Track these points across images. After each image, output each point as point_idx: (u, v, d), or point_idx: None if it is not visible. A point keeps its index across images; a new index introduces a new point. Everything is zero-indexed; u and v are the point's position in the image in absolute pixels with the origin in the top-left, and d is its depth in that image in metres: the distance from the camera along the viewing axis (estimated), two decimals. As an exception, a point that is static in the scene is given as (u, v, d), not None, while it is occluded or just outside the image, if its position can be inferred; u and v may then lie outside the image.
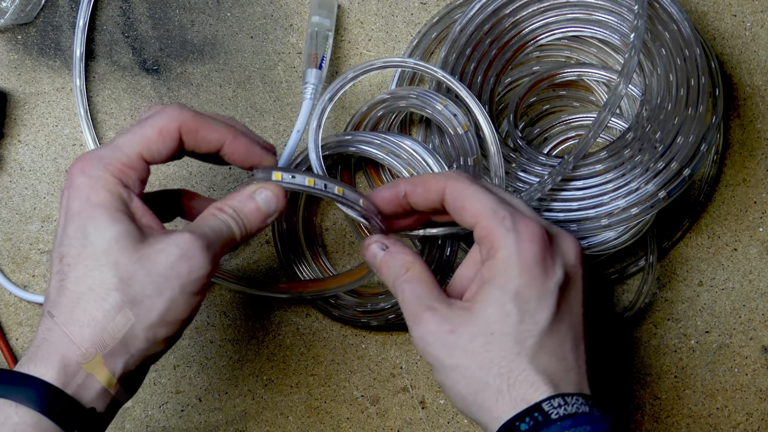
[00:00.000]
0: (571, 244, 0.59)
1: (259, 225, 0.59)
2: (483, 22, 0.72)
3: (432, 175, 0.62)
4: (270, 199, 0.59)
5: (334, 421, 0.75)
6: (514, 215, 0.57)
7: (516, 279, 0.56)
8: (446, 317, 0.57)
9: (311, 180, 0.60)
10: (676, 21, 0.68)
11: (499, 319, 0.55)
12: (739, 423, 0.75)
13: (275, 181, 0.59)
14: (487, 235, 0.57)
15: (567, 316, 0.57)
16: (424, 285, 0.59)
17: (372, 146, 0.69)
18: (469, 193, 0.59)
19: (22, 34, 0.75)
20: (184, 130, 0.58)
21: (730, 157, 0.76)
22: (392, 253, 0.61)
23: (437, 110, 0.69)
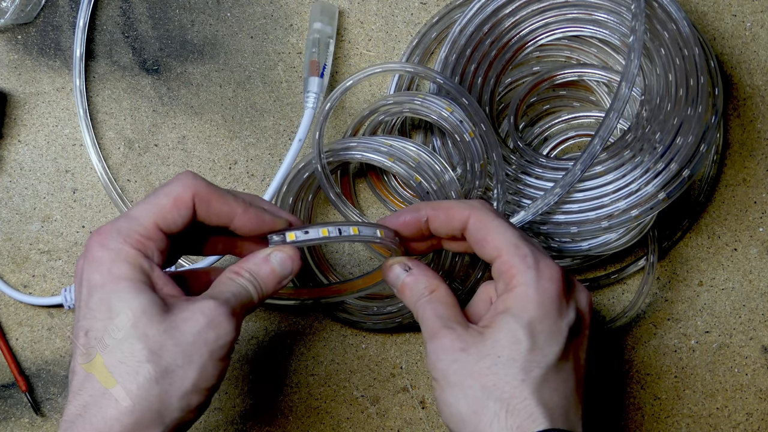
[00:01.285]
0: (584, 293, 0.60)
1: (275, 287, 0.60)
2: (483, 22, 0.72)
3: (456, 203, 0.62)
4: (285, 261, 0.60)
5: (334, 421, 0.75)
6: (536, 254, 0.58)
7: (531, 311, 0.56)
8: (461, 336, 0.57)
9: (325, 230, 0.60)
10: (675, 21, 0.68)
11: (509, 344, 0.56)
12: (739, 423, 0.75)
13: (290, 242, 0.60)
14: (507, 270, 0.58)
15: (573, 358, 0.58)
16: (447, 306, 0.59)
17: (378, 153, 0.69)
18: (492, 226, 0.59)
19: (22, 34, 0.75)
20: (197, 199, 0.57)
21: (730, 157, 0.76)
22: (416, 275, 0.61)
23: (443, 117, 0.69)
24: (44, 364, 0.74)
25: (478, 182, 0.69)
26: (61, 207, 0.75)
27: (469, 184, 0.70)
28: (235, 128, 0.75)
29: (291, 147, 0.71)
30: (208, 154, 0.75)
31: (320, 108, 0.69)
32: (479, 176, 0.69)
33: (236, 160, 0.75)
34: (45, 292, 0.74)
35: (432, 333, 0.58)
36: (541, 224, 0.69)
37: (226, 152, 0.75)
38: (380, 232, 0.62)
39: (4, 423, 0.74)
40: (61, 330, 0.74)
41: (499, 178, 0.69)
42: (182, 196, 0.57)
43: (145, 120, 0.75)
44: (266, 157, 0.75)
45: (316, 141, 0.68)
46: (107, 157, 0.75)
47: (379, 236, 0.62)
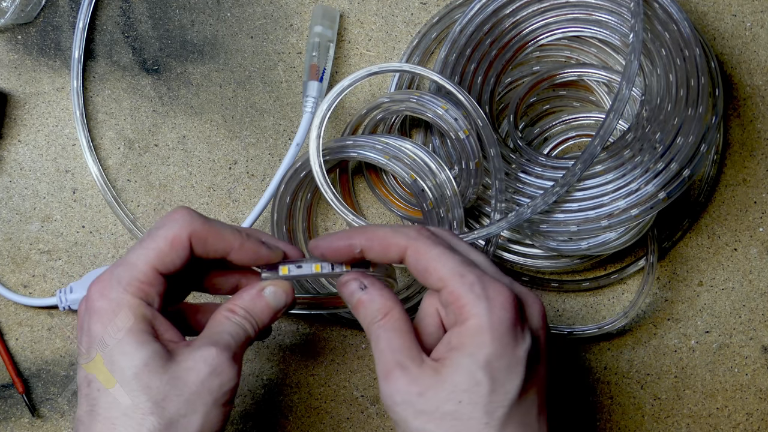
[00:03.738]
0: (536, 305, 0.58)
1: (270, 320, 0.60)
2: (483, 22, 0.72)
3: (391, 232, 0.59)
4: (279, 295, 0.60)
5: (334, 421, 0.75)
6: (483, 279, 0.56)
7: (486, 347, 0.54)
8: (416, 378, 0.55)
9: (318, 266, 0.60)
10: (675, 21, 0.68)
11: (469, 387, 0.54)
12: (739, 423, 0.75)
13: (282, 276, 0.60)
14: (455, 301, 0.56)
15: (534, 380, 0.56)
16: (400, 335, 0.57)
17: (374, 151, 0.69)
18: (432, 255, 0.57)
19: (22, 34, 0.75)
20: (194, 238, 0.57)
21: (730, 157, 0.76)
22: (371, 295, 0.59)
23: (438, 114, 0.69)
24: (44, 364, 0.74)
25: (473, 181, 0.69)
26: (61, 207, 0.75)
27: (464, 183, 0.70)
28: (235, 128, 0.75)
29: (288, 151, 0.71)
30: (208, 154, 0.75)
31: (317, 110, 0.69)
32: (474, 175, 0.69)
33: (236, 160, 0.75)
34: (45, 293, 0.74)
35: (385, 372, 0.56)
36: (541, 223, 0.69)
37: (226, 152, 0.75)
38: (372, 268, 0.61)
39: (4, 423, 0.74)
40: (60, 330, 0.74)
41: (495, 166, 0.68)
42: (179, 236, 0.57)
43: (145, 120, 0.75)
44: (266, 157, 0.75)
45: (314, 139, 0.68)
46: (107, 157, 0.75)
47: (370, 272, 0.61)
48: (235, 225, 0.61)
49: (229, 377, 0.55)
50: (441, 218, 0.69)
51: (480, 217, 0.73)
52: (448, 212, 0.69)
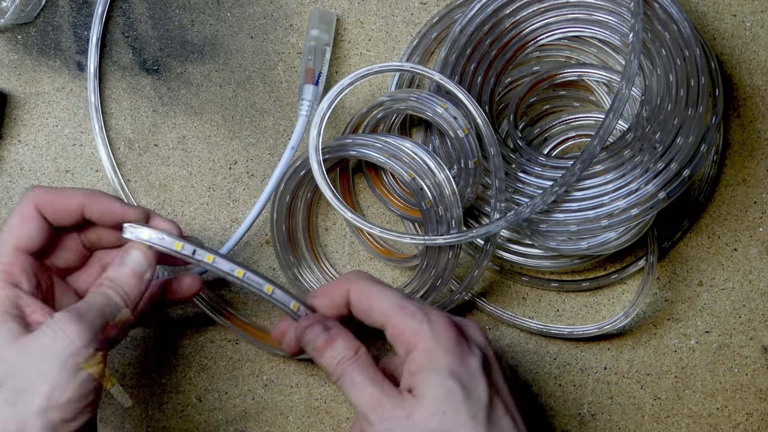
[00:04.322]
0: (476, 329, 0.60)
1: (139, 284, 0.60)
2: (483, 22, 0.72)
3: (333, 283, 0.62)
4: (137, 258, 0.61)
5: (334, 421, 0.75)
6: (423, 308, 0.59)
7: (444, 360, 0.57)
8: (400, 403, 0.57)
9: (179, 245, 0.61)
10: (676, 21, 0.68)
11: (446, 397, 0.56)
12: (739, 423, 0.75)
13: (144, 240, 0.61)
14: (401, 333, 0.58)
15: (495, 390, 0.58)
16: (375, 369, 0.59)
17: (373, 149, 0.69)
18: (373, 293, 0.60)
19: (22, 34, 0.75)
20: (40, 205, 0.60)
21: (730, 157, 0.76)
22: (336, 337, 0.60)
23: (437, 113, 0.69)
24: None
25: (472, 180, 0.69)
26: (61, 207, 0.74)
27: (464, 182, 0.70)
28: (235, 128, 0.75)
29: (284, 155, 0.71)
30: (208, 154, 0.75)
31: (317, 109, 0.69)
32: (473, 174, 0.69)
33: (236, 160, 0.75)
34: None
35: (372, 404, 0.57)
36: (541, 223, 0.69)
37: (226, 152, 0.75)
38: (239, 272, 0.62)
39: None
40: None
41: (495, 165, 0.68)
42: (26, 209, 0.59)
43: (145, 120, 0.75)
44: (266, 157, 0.75)
45: (313, 137, 0.68)
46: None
47: (234, 275, 0.62)
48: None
49: (74, 337, 0.55)
50: (439, 217, 0.69)
51: (479, 216, 0.73)
52: (446, 211, 0.69)
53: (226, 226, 0.75)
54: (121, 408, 0.64)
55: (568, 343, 0.75)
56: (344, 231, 0.75)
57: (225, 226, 0.75)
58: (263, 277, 0.63)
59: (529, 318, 0.75)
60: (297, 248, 0.74)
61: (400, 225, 0.76)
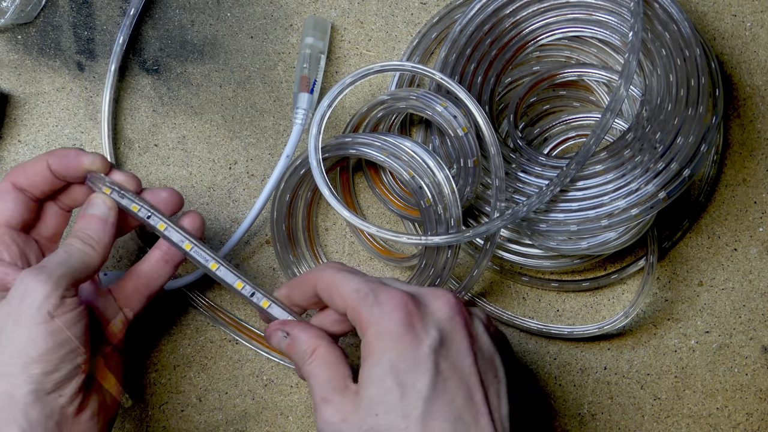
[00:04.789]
0: (441, 299, 0.59)
1: (104, 228, 0.62)
2: (483, 22, 0.72)
3: (305, 273, 0.63)
4: (99, 204, 0.63)
5: (334, 421, 0.75)
6: (376, 289, 0.58)
7: (388, 351, 0.56)
8: (339, 407, 0.57)
9: (135, 207, 0.63)
10: (676, 21, 0.68)
11: (381, 398, 0.56)
12: (739, 423, 0.75)
13: (103, 192, 0.63)
14: (357, 317, 0.58)
15: (452, 373, 0.57)
16: (327, 369, 0.59)
17: (372, 148, 0.69)
18: (336, 279, 0.60)
19: (22, 34, 0.75)
20: (13, 179, 0.63)
21: (730, 157, 0.76)
22: (294, 339, 0.61)
23: (437, 112, 0.69)
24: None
25: (471, 179, 0.69)
26: (61, 207, 0.75)
27: (463, 181, 0.70)
28: (235, 128, 0.75)
29: (278, 163, 0.71)
30: (208, 154, 0.75)
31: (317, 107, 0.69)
32: (472, 173, 0.69)
33: (236, 160, 0.75)
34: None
35: (315, 407, 0.59)
36: (541, 223, 0.69)
37: (226, 152, 0.75)
38: (187, 245, 0.64)
39: None
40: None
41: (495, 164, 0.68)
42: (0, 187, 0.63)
43: (145, 120, 0.75)
44: (266, 157, 0.75)
45: (313, 135, 0.68)
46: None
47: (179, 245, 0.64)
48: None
49: (36, 289, 0.57)
50: (438, 216, 0.69)
51: (479, 216, 0.73)
52: (445, 211, 0.69)
53: (226, 226, 0.75)
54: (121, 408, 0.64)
55: (568, 343, 0.75)
56: (344, 231, 0.75)
57: (225, 226, 0.75)
58: (213, 255, 0.64)
59: (529, 318, 0.75)
60: (297, 248, 0.74)
61: (399, 225, 0.76)
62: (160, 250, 0.65)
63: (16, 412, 0.56)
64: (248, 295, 0.64)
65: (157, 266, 0.65)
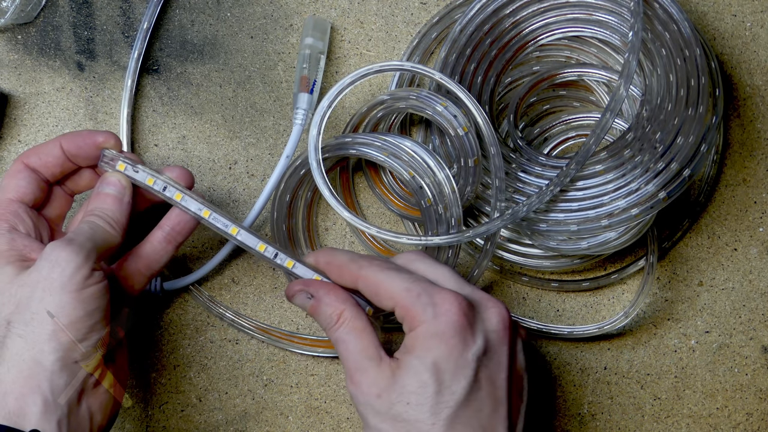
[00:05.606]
0: (494, 309, 0.60)
1: (120, 207, 0.63)
2: (483, 22, 0.72)
3: (347, 261, 0.63)
4: (112, 182, 0.64)
5: (334, 421, 0.75)
6: (429, 290, 0.59)
7: (434, 350, 0.58)
8: (375, 380, 0.59)
9: (151, 179, 0.64)
10: (676, 21, 0.68)
11: (416, 389, 0.57)
12: (739, 423, 0.75)
13: (117, 171, 0.64)
14: (406, 314, 0.59)
15: (486, 383, 0.59)
16: (356, 335, 0.61)
17: (372, 148, 0.69)
18: (380, 278, 0.61)
19: (22, 34, 0.75)
20: (26, 160, 0.64)
21: (730, 157, 0.76)
22: (318, 301, 0.63)
23: (437, 111, 0.69)
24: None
25: (472, 179, 0.69)
26: (61, 207, 0.75)
27: (463, 181, 0.70)
28: (235, 128, 0.75)
29: (278, 164, 0.71)
30: (208, 154, 0.75)
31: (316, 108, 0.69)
32: (473, 173, 0.69)
33: (236, 160, 0.75)
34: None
35: (349, 374, 0.60)
36: (541, 223, 0.69)
37: (226, 152, 0.75)
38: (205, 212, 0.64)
39: None
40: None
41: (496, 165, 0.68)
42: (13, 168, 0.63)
43: (145, 120, 0.75)
44: (266, 157, 0.75)
45: (313, 136, 0.68)
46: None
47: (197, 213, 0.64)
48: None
49: (67, 259, 0.57)
50: (439, 216, 0.69)
51: (479, 216, 0.73)
52: (446, 210, 0.69)
53: (226, 226, 0.75)
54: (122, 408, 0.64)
55: (567, 343, 0.75)
56: (344, 231, 0.75)
57: (225, 226, 0.75)
58: (232, 220, 0.65)
59: (529, 318, 0.75)
60: (297, 248, 0.74)
61: (399, 225, 0.76)
62: (163, 230, 0.66)
63: (42, 380, 0.56)
64: (271, 257, 0.65)
65: (159, 247, 0.66)
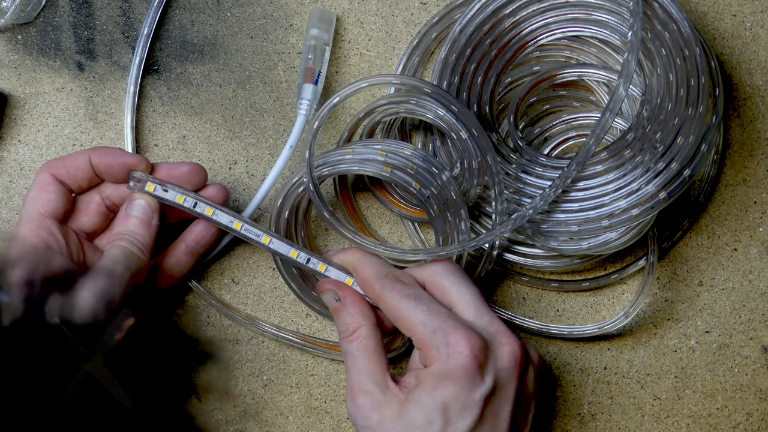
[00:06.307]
0: (506, 348, 0.62)
1: (148, 231, 0.65)
2: (483, 22, 0.72)
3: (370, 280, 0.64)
4: (142, 206, 0.65)
5: (334, 421, 0.75)
6: (445, 327, 0.60)
7: (444, 390, 0.59)
8: (378, 405, 0.60)
9: (181, 197, 0.65)
10: (675, 21, 0.68)
11: (422, 424, 0.59)
12: (739, 423, 0.75)
13: (147, 192, 0.65)
14: (423, 347, 0.61)
15: (491, 418, 0.60)
16: (366, 355, 0.62)
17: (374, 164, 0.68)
18: (399, 307, 0.62)
19: (22, 34, 0.75)
20: (54, 171, 0.65)
21: (730, 157, 0.76)
22: (343, 307, 0.65)
23: (439, 115, 0.69)
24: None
25: (476, 180, 0.69)
26: (61, 207, 0.74)
27: (467, 183, 0.70)
28: (235, 128, 0.75)
29: (282, 153, 0.71)
30: (208, 154, 0.75)
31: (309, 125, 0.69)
32: (476, 174, 0.69)
33: (236, 160, 0.75)
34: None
35: (351, 394, 0.62)
36: (542, 223, 0.69)
37: (226, 152, 0.75)
38: (237, 224, 0.66)
39: None
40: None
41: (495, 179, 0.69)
42: (41, 179, 0.65)
43: (145, 120, 0.75)
44: (266, 157, 0.75)
45: (306, 159, 0.68)
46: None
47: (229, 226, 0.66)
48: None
49: (110, 297, 0.58)
50: (449, 222, 0.69)
51: (480, 216, 0.73)
52: (454, 215, 0.69)
53: (226, 226, 0.75)
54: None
55: (568, 343, 0.75)
56: (344, 231, 0.75)
57: (225, 226, 0.75)
58: (264, 230, 0.67)
59: (529, 318, 0.75)
60: (297, 248, 0.74)
61: (400, 224, 0.76)
62: (186, 244, 0.67)
63: None
64: (304, 262, 0.67)
65: (182, 259, 0.68)
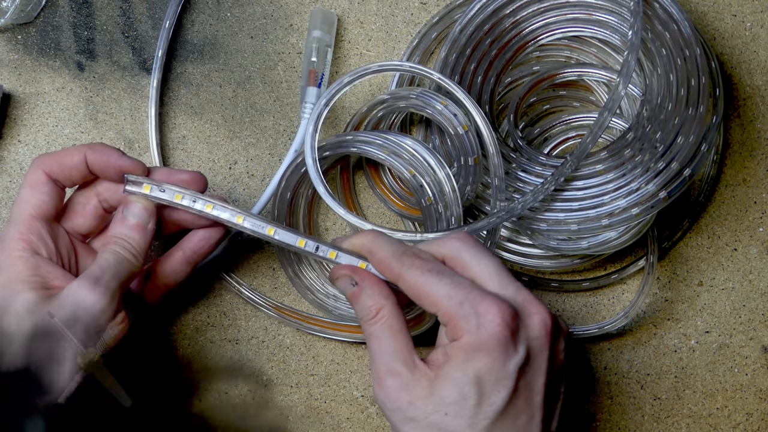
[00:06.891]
0: (537, 316, 0.59)
1: (144, 236, 0.63)
2: (483, 22, 0.72)
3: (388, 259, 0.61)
4: (139, 210, 0.63)
5: (334, 421, 0.75)
6: (472, 297, 0.57)
7: (477, 362, 0.56)
8: (407, 385, 0.58)
9: (179, 196, 0.63)
10: (676, 21, 0.68)
11: (456, 401, 0.56)
12: (739, 423, 0.75)
13: (144, 193, 0.63)
14: (450, 321, 0.58)
15: (525, 391, 0.58)
16: (392, 335, 0.59)
17: (373, 146, 0.69)
18: (421, 283, 0.59)
19: (22, 34, 0.75)
20: (47, 169, 0.62)
21: (730, 157, 0.76)
22: (361, 290, 0.61)
23: (437, 110, 0.69)
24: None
25: (472, 178, 0.69)
26: (60, 207, 0.74)
27: (463, 180, 0.70)
28: (235, 128, 0.75)
29: (286, 157, 0.71)
30: (208, 154, 0.75)
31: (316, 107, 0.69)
32: (473, 172, 0.69)
33: (236, 160, 0.75)
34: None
35: (377, 377, 0.59)
36: (541, 222, 0.69)
37: (226, 152, 0.75)
38: (239, 218, 0.64)
39: None
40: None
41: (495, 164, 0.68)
42: (33, 176, 0.62)
43: (145, 120, 0.75)
44: (266, 157, 0.75)
45: (309, 133, 0.68)
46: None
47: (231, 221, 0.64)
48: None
49: (92, 304, 0.58)
50: (439, 215, 0.69)
51: (479, 216, 0.73)
52: (446, 209, 0.69)
53: (226, 226, 0.75)
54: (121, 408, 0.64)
55: (568, 343, 0.75)
56: (345, 230, 0.75)
57: (225, 226, 0.75)
58: (267, 221, 0.64)
59: (529, 318, 0.75)
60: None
61: (400, 224, 0.76)
62: (183, 252, 0.66)
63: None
64: (313, 251, 0.64)
65: (178, 267, 0.66)
